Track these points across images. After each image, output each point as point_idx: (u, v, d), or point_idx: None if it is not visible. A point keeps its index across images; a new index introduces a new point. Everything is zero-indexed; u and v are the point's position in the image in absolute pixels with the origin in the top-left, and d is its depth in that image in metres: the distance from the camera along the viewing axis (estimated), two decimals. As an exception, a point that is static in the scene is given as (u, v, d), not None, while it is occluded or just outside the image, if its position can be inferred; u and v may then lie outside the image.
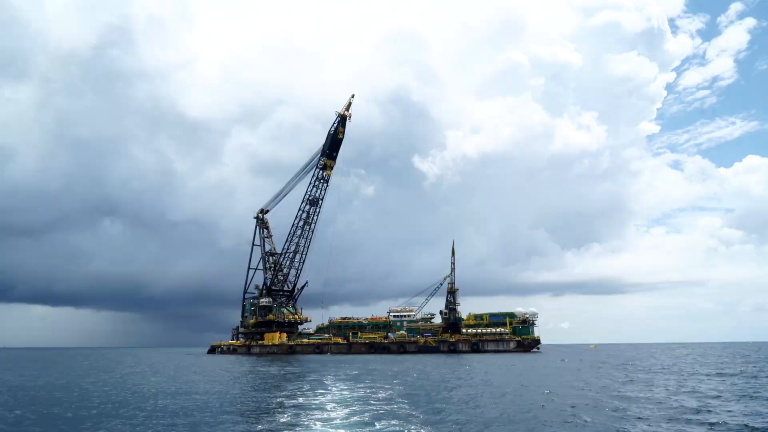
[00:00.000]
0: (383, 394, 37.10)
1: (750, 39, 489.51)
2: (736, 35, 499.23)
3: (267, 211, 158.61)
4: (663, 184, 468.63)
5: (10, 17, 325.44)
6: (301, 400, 34.70)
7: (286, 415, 28.18)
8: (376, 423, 25.52)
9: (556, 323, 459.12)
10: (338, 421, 26.33)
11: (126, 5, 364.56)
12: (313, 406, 31.62)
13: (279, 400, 35.21)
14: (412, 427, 24.42)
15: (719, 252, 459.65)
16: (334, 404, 32.14)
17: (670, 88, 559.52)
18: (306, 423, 25.77)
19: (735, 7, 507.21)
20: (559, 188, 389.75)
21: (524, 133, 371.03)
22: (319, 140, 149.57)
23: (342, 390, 40.31)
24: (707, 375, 53.53)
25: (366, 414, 28.14)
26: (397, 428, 24.21)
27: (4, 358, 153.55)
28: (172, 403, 34.18)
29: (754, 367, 66.11)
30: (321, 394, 37.87)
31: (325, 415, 27.94)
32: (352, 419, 26.67)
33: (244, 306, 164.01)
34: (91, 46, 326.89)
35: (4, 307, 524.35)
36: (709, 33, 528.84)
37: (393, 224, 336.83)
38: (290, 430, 24.30)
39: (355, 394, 37.32)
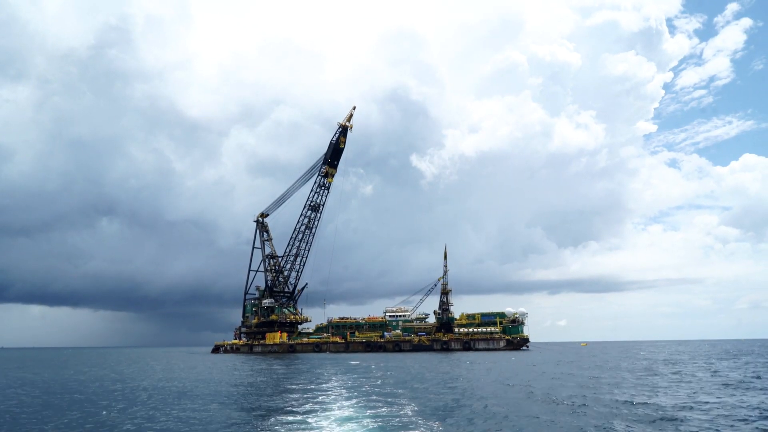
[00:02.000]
0: (378, 382, 44.34)
1: (746, 39, 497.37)
2: (733, 35, 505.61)
3: (267, 215, 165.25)
4: (660, 183, 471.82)
5: (8, 17, 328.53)
6: (309, 386, 42.04)
7: (299, 397, 35.46)
8: (372, 396, 32.78)
9: (553, 321, 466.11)
10: (341, 400, 33.53)
11: (124, 5, 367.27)
12: (320, 390, 38.92)
13: (296, 387, 42.51)
14: (397, 399, 31.63)
15: (716, 250, 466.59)
16: (337, 387, 39.47)
17: (667, 87, 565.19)
18: (316, 401, 32.98)
19: (731, 8, 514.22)
20: (556, 187, 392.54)
21: (522, 131, 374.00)
22: (318, 140, 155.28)
23: (342, 379, 47.61)
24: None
25: (362, 395, 35.36)
26: (388, 403, 31.37)
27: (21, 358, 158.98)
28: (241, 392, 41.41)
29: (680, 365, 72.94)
30: (325, 381, 45.22)
31: (330, 394, 35.18)
32: (351, 400, 33.87)
33: (245, 306, 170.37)
34: (89, 45, 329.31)
35: (2, 307, 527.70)
36: (706, 33, 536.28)
37: (391, 223, 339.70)
38: (305, 405, 31.46)
39: (354, 383, 44.56)
